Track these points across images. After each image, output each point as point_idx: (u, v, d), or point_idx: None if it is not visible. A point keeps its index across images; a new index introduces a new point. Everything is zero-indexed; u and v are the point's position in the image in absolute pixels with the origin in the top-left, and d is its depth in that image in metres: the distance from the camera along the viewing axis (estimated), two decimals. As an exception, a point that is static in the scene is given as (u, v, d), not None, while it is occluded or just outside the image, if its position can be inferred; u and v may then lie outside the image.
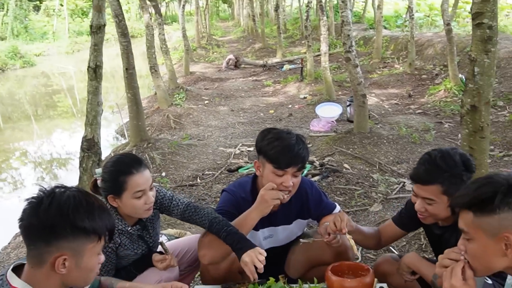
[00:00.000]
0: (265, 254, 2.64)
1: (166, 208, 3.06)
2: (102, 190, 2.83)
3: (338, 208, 3.34)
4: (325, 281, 2.61)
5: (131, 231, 2.91)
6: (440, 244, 2.71)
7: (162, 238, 3.96)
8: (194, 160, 7.88)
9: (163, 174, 7.16)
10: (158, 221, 3.17)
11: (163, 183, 6.59)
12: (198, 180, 6.80)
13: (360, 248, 4.23)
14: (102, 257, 2.01)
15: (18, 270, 1.94)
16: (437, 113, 9.99)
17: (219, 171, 7.05)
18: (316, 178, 6.23)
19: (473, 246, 1.85)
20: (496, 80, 10.31)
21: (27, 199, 1.88)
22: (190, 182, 6.75)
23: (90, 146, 5.12)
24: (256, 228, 3.10)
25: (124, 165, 2.78)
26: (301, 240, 2.91)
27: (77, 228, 1.85)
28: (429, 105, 10.73)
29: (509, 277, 2.02)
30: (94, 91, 5.22)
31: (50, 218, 1.81)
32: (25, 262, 1.93)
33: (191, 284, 3.63)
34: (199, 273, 3.41)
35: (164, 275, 2.93)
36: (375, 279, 2.67)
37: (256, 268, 2.60)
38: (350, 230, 2.83)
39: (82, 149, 5.15)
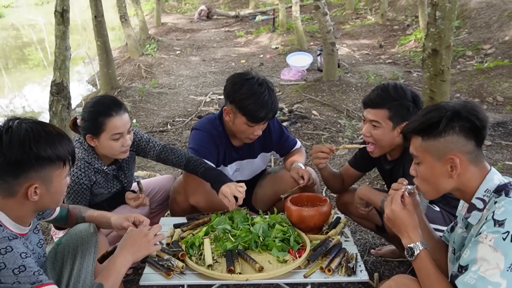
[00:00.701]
0: (245, 187, 2.77)
1: (142, 150, 3.16)
2: (81, 129, 2.91)
3: (299, 143, 3.47)
4: (285, 211, 2.73)
5: (106, 170, 3.00)
6: (391, 178, 2.90)
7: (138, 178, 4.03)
8: (164, 107, 7.92)
9: (134, 120, 7.19)
10: (133, 162, 3.28)
11: (133, 129, 6.61)
12: (169, 127, 6.87)
13: (324, 188, 4.39)
14: (68, 179, 2.10)
15: None
16: (407, 63, 10.13)
17: (190, 118, 7.11)
18: (284, 124, 6.31)
19: (422, 169, 1.99)
20: (466, 30, 10.44)
21: None
22: (161, 129, 6.81)
23: (59, 90, 5.14)
24: (225, 163, 3.23)
25: (104, 107, 2.84)
26: (281, 196, 3.02)
27: (41, 158, 1.92)
28: (399, 55, 10.86)
29: (461, 202, 2.15)
30: (62, 36, 5.21)
31: (14, 154, 1.87)
32: None
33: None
34: (168, 212, 3.53)
35: (136, 213, 3.02)
36: (332, 209, 2.81)
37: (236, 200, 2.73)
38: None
39: (51, 93, 5.18)
